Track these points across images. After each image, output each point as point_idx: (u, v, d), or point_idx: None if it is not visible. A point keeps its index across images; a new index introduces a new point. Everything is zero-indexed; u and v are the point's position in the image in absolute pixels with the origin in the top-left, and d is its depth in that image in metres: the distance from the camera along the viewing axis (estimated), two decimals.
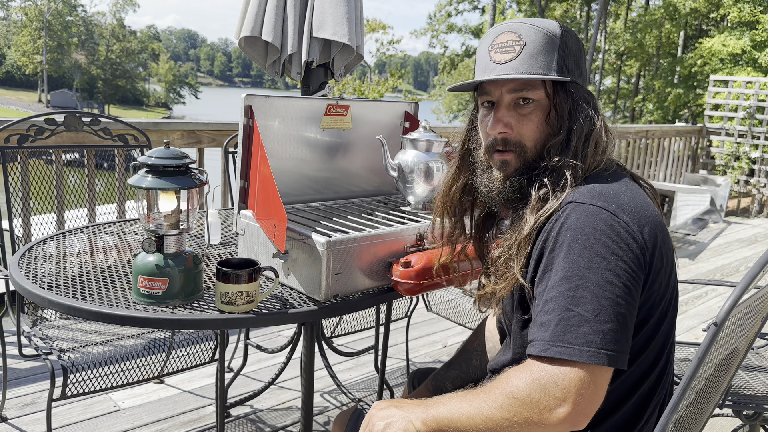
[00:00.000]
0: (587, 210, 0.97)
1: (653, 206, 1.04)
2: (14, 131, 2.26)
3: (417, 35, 29.58)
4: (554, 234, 0.98)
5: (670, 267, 1.04)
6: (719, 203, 7.04)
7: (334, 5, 2.33)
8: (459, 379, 1.42)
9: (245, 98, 1.50)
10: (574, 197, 0.99)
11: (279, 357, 2.88)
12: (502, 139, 1.10)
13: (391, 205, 1.84)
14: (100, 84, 57.69)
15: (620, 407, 1.04)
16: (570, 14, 25.38)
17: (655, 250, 0.98)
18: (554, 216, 1.00)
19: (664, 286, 1.02)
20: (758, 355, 1.98)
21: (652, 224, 0.99)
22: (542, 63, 1.06)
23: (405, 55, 19.37)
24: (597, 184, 1.02)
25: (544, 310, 0.95)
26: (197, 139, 3.37)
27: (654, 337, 1.03)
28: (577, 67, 1.10)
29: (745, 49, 13.19)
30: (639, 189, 1.07)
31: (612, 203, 0.97)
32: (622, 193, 1.01)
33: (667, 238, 1.02)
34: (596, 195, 0.99)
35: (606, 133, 1.10)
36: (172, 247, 1.32)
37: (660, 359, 1.06)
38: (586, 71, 1.14)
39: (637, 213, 0.98)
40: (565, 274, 0.94)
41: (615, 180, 1.05)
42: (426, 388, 1.44)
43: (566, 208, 0.99)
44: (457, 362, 1.44)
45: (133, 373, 1.83)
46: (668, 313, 1.04)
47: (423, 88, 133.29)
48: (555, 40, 1.07)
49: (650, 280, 0.98)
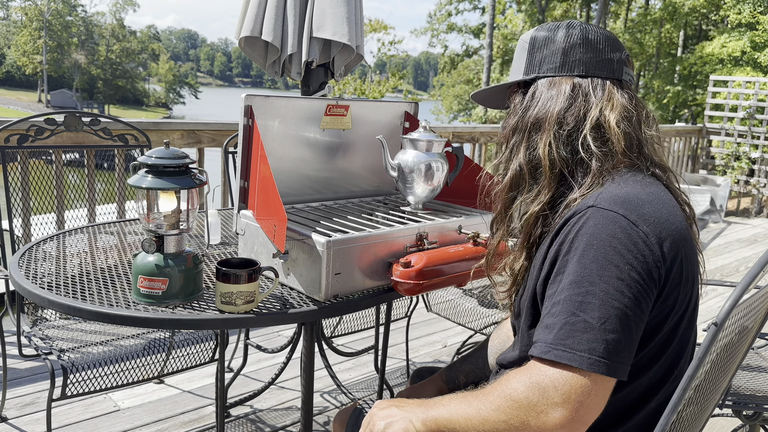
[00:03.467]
0: (607, 216, 0.94)
1: (681, 218, 1.00)
2: (14, 131, 2.26)
3: (417, 35, 29.59)
4: (571, 237, 0.96)
5: (691, 282, 1.00)
6: (719, 203, 7.04)
7: (334, 5, 2.33)
8: (473, 374, 1.40)
9: (245, 98, 1.50)
10: (596, 201, 0.97)
11: (279, 357, 2.88)
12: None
13: (391, 205, 1.84)
14: (100, 84, 57.67)
15: (628, 419, 1.02)
16: (570, 14, 25.38)
17: (674, 265, 0.95)
18: (573, 219, 0.98)
19: (681, 301, 0.98)
20: (758, 355, 1.98)
21: (674, 237, 0.95)
22: (514, 69, 1.16)
23: (406, 55, 19.38)
24: (622, 189, 0.99)
25: (551, 313, 0.94)
26: (197, 139, 3.37)
27: (664, 352, 1.00)
28: (552, 60, 1.10)
29: (745, 50, 13.18)
30: (670, 198, 1.02)
31: (634, 212, 0.94)
32: (648, 202, 0.97)
33: (691, 252, 0.99)
34: (619, 201, 0.96)
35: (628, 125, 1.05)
36: (172, 247, 1.32)
37: (671, 374, 1.02)
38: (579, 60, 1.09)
39: (659, 224, 0.95)
40: (575, 278, 0.93)
41: (644, 187, 1.00)
42: (440, 377, 1.41)
43: (586, 212, 0.96)
44: (474, 356, 1.41)
45: (133, 373, 1.83)
46: (679, 330, 1.01)
47: (423, 88, 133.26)
48: (524, 45, 1.14)
49: (664, 295, 0.95)
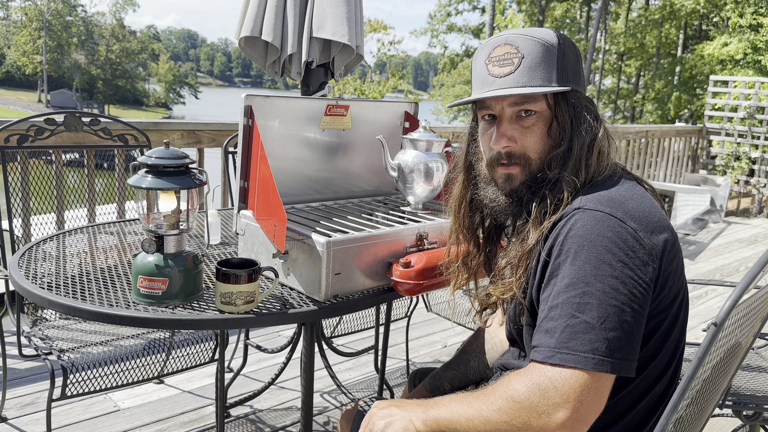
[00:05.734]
0: (594, 216, 0.96)
1: (661, 210, 1.03)
2: (14, 131, 2.26)
3: (417, 35, 29.58)
4: (560, 240, 0.97)
5: (680, 270, 1.03)
6: (719, 203, 7.04)
7: (334, 5, 2.33)
8: (456, 380, 1.42)
9: (245, 98, 1.50)
10: (582, 203, 0.99)
11: (279, 357, 2.88)
12: (506, 153, 1.09)
13: (391, 205, 1.84)
14: (100, 84, 57.64)
15: (630, 411, 1.04)
16: (570, 14, 25.37)
17: (664, 255, 0.97)
18: (561, 222, 0.99)
19: (675, 289, 1.01)
20: (758, 355, 1.98)
21: (660, 229, 0.98)
22: (542, 74, 1.05)
23: (406, 55, 19.38)
24: (604, 190, 1.02)
25: (549, 317, 0.95)
26: (197, 139, 3.37)
27: (666, 341, 1.02)
28: (576, 74, 1.09)
29: (747, 52, 13.19)
30: (645, 193, 1.06)
31: (620, 209, 0.97)
32: (630, 198, 1.00)
33: (676, 241, 1.02)
34: (604, 201, 0.98)
35: (609, 140, 1.09)
36: (172, 247, 1.32)
37: (672, 363, 1.05)
38: (583, 77, 1.13)
39: (645, 219, 0.98)
40: (571, 280, 0.94)
41: (622, 185, 1.04)
42: (424, 387, 1.44)
43: (573, 214, 0.98)
44: (456, 363, 1.44)
45: (133, 373, 1.83)
46: (680, 317, 1.04)
47: (423, 88, 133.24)
48: (552, 50, 1.06)
49: (659, 285, 0.98)
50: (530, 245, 1.03)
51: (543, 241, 1.02)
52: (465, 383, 1.41)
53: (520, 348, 1.20)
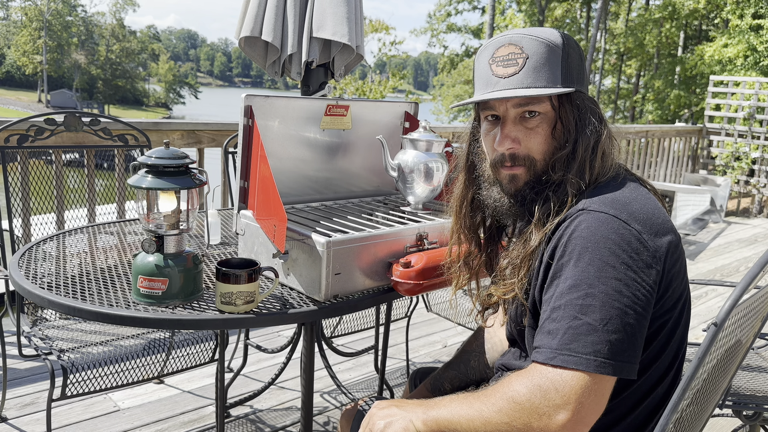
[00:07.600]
0: (598, 218, 0.96)
1: (664, 212, 1.03)
2: (14, 131, 2.26)
3: (417, 35, 29.58)
4: (564, 241, 0.97)
5: (683, 272, 1.03)
6: (719, 203, 7.04)
7: (334, 5, 2.33)
8: (457, 380, 1.42)
9: (245, 98, 1.50)
10: (586, 205, 0.98)
11: (279, 357, 2.88)
12: (510, 154, 1.08)
13: (391, 205, 1.84)
14: (100, 84, 57.64)
15: (632, 413, 1.04)
16: (570, 14, 25.36)
17: (668, 257, 0.97)
18: (565, 223, 0.99)
19: (678, 291, 1.01)
20: (758, 355, 1.98)
21: (664, 231, 0.98)
22: (547, 75, 1.04)
23: (406, 55, 19.36)
24: (609, 191, 1.01)
25: (551, 318, 0.94)
26: (197, 139, 3.37)
27: (668, 344, 1.02)
28: (580, 74, 1.08)
29: (747, 54, 13.19)
30: (649, 194, 1.05)
31: (624, 211, 0.96)
32: (634, 200, 1.00)
33: (679, 243, 1.02)
34: (608, 203, 0.98)
35: (611, 140, 1.09)
36: (172, 247, 1.32)
37: (674, 365, 1.05)
38: (587, 77, 1.12)
39: (649, 221, 0.97)
40: (574, 282, 0.93)
41: (626, 187, 1.03)
42: (425, 387, 1.44)
43: (577, 215, 0.98)
44: (456, 363, 1.44)
45: (133, 373, 1.83)
46: (682, 319, 1.04)
47: (423, 88, 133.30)
48: (557, 51, 1.05)
49: (663, 288, 0.97)
50: (533, 246, 1.03)
51: (546, 242, 1.02)
52: (465, 383, 1.42)
53: (520, 348, 1.20)
